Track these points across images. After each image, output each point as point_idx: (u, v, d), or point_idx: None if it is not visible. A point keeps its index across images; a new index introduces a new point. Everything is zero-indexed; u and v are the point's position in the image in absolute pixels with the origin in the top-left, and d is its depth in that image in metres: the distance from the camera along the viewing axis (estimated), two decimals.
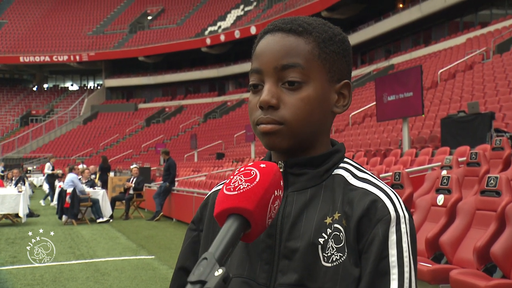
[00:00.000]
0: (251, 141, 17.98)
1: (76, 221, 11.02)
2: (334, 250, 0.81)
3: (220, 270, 0.63)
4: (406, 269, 0.79)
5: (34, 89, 48.51)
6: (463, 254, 4.07)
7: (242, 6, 41.49)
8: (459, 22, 25.66)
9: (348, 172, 0.88)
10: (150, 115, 39.54)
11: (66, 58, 42.62)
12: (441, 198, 4.73)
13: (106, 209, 11.74)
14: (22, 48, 44.09)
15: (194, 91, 42.27)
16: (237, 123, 28.98)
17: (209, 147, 25.90)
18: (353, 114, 16.52)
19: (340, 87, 0.89)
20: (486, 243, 3.80)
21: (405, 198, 5.20)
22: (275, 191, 0.74)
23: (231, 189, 0.73)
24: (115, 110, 42.21)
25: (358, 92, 21.31)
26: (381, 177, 6.74)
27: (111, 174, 16.37)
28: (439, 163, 7.11)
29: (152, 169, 18.39)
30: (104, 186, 14.53)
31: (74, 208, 10.97)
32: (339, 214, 0.83)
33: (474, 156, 5.79)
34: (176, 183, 13.00)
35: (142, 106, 42.41)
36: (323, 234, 0.82)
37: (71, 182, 11.19)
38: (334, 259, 0.81)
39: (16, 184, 12.38)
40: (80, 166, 15.33)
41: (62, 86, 49.37)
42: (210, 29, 40.17)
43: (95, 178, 15.27)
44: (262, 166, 0.75)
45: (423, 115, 10.86)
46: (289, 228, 0.84)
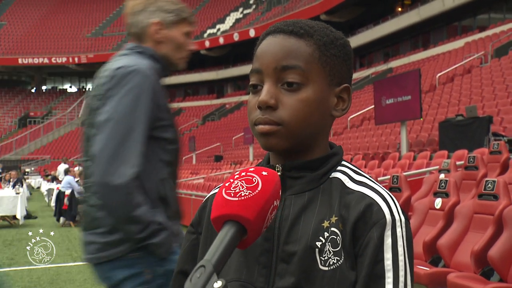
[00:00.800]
0: (250, 143, 17.98)
1: (74, 223, 11.00)
2: (331, 253, 0.81)
3: (219, 282, 0.63)
4: (401, 273, 0.79)
5: (33, 90, 48.49)
6: (461, 257, 4.08)
7: (241, 9, 41.57)
8: (458, 26, 25.74)
9: (345, 175, 0.88)
10: None
11: (64, 60, 42.63)
12: (439, 202, 4.74)
13: None
14: (20, 49, 44.07)
15: (193, 94, 42.29)
16: (235, 126, 28.99)
17: (207, 150, 25.90)
18: (351, 117, 16.54)
19: (339, 91, 0.89)
20: (483, 247, 3.80)
21: (402, 201, 5.21)
22: (275, 201, 0.74)
23: (231, 194, 0.72)
24: None
25: (357, 95, 21.34)
26: (379, 180, 6.74)
27: None
28: (437, 167, 7.12)
29: None
30: None
31: (72, 210, 10.96)
32: (336, 218, 0.83)
33: (472, 159, 5.80)
34: None
35: None
36: (321, 238, 0.82)
37: (68, 184, 11.18)
38: (331, 263, 0.81)
39: (14, 185, 12.36)
40: (76, 169, 15.27)
41: (61, 88, 49.36)
42: (209, 31, 40.22)
43: None
44: (264, 173, 0.74)
45: (421, 119, 10.88)
46: (286, 231, 0.84)
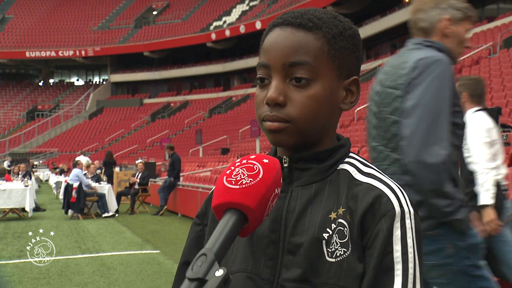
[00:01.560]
0: (256, 136, 17.97)
1: (82, 215, 11.07)
2: (338, 245, 0.81)
3: (221, 271, 0.62)
4: (411, 265, 0.79)
5: (40, 84, 48.72)
6: None
7: (247, 1, 41.40)
8: None
9: (353, 167, 0.87)
10: (155, 110, 39.62)
11: (71, 53, 42.75)
12: None
13: (112, 203, 11.79)
14: (28, 43, 44.23)
15: (199, 86, 42.28)
16: (242, 118, 28.98)
17: (214, 142, 25.92)
18: (358, 109, 16.47)
19: (348, 84, 0.88)
20: None
21: None
22: (276, 189, 0.73)
23: (233, 182, 0.71)
24: (121, 105, 42.31)
25: (364, 87, 21.21)
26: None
27: (117, 169, 16.43)
28: None
29: (157, 164, 18.45)
30: (109, 180, 14.58)
31: (80, 202, 11.03)
32: (344, 209, 0.83)
33: None
34: (181, 178, 13.03)
35: (147, 101, 42.49)
36: (328, 229, 0.82)
37: (76, 177, 11.25)
38: (338, 254, 0.81)
39: (22, 178, 12.45)
40: (79, 158, 15.31)
41: (68, 81, 49.54)
42: (215, 24, 40.13)
43: (101, 173, 15.33)
44: (265, 161, 0.74)
45: None
46: (293, 223, 0.84)
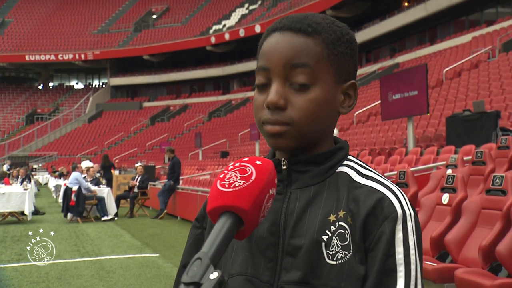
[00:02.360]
0: (256, 139, 17.98)
1: (81, 219, 11.06)
2: (339, 248, 0.81)
3: (215, 273, 0.62)
4: (413, 266, 0.79)
5: (40, 87, 48.71)
6: (468, 253, 4.06)
7: (247, 5, 41.47)
8: (465, 21, 25.55)
9: (352, 169, 0.88)
10: (154, 114, 39.62)
11: (71, 56, 42.77)
12: (446, 197, 4.72)
13: (111, 207, 11.77)
14: (27, 46, 44.26)
15: (199, 90, 42.31)
16: (241, 122, 28.99)
17: (213, 146, 25.92)
18: (358, 112, 16.48)
19: (346, 88, 0.89)
20: (491, 242, 3.78)
21: (410, 197, 5.19)
22: (270, 190, 0.73)
23: (226, 185, 0.71)
24: (120, 109, 42.32)
25: (363, 90, 21.26)
26: (385, 176, 6.72)
27: (116, 172, 16.41)
28: (444, 162, 7.09)
29: (156, 167, 18.43)
30: (108, 184, 14.56)
31: (79, 206, 11.02)
32: (344, 212, 0.83)
33: (479, 155, 5.77)
34: (180, 182, 13.02)
35: (146, 104, 42.50)
36: (327, 232, 0.82)
37: (76, 180, 11.23)
38: (339, 257, 0.81)
39: (22, 182, 12.44)
40: (82, 164, 15.29)
41: (67, 84, 49.55)
42: (215, 27, 40.18)
43: (100, 176, 15.30)
44: (257, 163, 0.74)
45: (428, 114, 10.83)
46: (292, 225, 0.84)
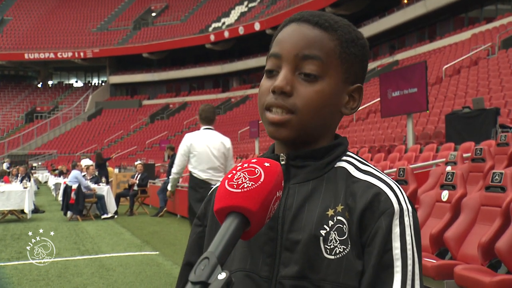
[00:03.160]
0: (255, 137, 17.97)
1: (81, 217, 11.06)
2: (337, 242, 0.81)
3: (223, 274, 0.62)
4: (410, 261, 0.79)
5: (39, 85, 48.67)
6: (468, 250, 4.06)
7: (246, 2, 41.42)
8: (464, 18, 25.53)
9: (350, 164, 0.88)
10: (154, 112, 39.60)
11: (70, 54, 42.72)
12: (445, 194, 4.72)
13: (111, 205, 11.78)
14: (26, 44, 44.21)
15: (198, 88, 42.28)
16: (241, 120, 28.99)
17: None
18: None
19: (352, 90, 0.90)
20: (490, 239, 3.79)
21: (409, 194, 5.19)
22: (277, 192, 0.73)
23: (234, 186, 0.72)
24: (119, 107, 42.29)
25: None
26: (385, 173, 6.73)
27: (116, 170, 16.41)
28: (444, 159, 7.09)
29: (156, 165, 18.43)
30: (107, 180, 14.54)
31: (79, 204, 11.02)
32: (342, 207, 0.83)
33: (479, 152, 5.77)
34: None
35: (146, 102, 42.48)
36: (325, 226, 0.82)
37: (75, 178, 11.23)
38: (337, 252, 0.81)
39: (21, 180, 12.44)
40: (82, 162, 15.28)
41: (67, 82, 49.51)
42: (214, 25, 40.13)
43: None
44: (266, 165, 0.74)
45: (428, 111, 10.82)
46: (290, 220, 0.84)
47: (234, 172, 0.74)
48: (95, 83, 48.55)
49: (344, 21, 0.90)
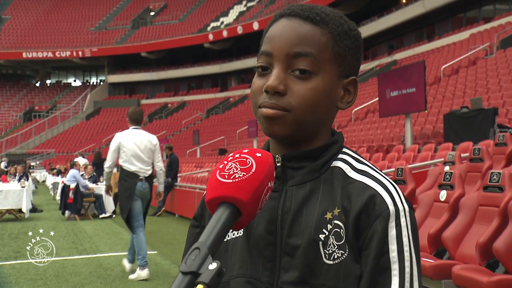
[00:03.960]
0: (254, 137, 17.97)
1: (79, 216, 11.05)
2: (336, 247, 0.80)
3: (214, 264, 0.62)
4: (407, 263, 0.78)
5: (37, 84, 48.59)
6: (466, 249, 4.07)
7: (244, 2, 41.40)
8: (463, 18, 25.55)
9: (346, 164, 0.87)
10: (152, 111, 39.55)
11: (68, 53, 42.65)
12: (443, 194, 4.72)
13: (109, 204, 11.76)
14: (25, 43, 44.12)
15: (197, 87, 42.26)
16: (239, 119, 28.96)
17: (211, 143, 25.89)
18: (355, 109, 16.48)
19: (347, 83, 0.88)
20: (488, 239, 3.79)
21: (407, 193, 5.19)
22: (269, 183, 0.72)
23: (225, 176, 0.71)
24: (118, 106, 42.23)
25: (361, 87, 21.25)
26: (383, 172, 6.72)
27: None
28: (442, 159, 7.09)
29: None
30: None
31: (77, 203, 11.01)
32: (339, 210, 0.82)
33: (477, 152, 5.78)
34: (178, 179, 13.01)
35: (144, 102, 42.42)
36: (324, 230, 0.81)
37: (73, 177, 11.22)
38: (335, 257, 0.80)
39: (19, 179, 12.42)
40: (78, 159, 15.23)
41: (65, 82, 49.44)
42: (213, 25, 40.10)
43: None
44: (258, 155, 0.73)
45: (426, 111, 10.82)
46: (289, 224, 0.83)
47: (226, 162, 0.73)
48: (94, 82, 48.47)
49: (335, 12, 0.87)
